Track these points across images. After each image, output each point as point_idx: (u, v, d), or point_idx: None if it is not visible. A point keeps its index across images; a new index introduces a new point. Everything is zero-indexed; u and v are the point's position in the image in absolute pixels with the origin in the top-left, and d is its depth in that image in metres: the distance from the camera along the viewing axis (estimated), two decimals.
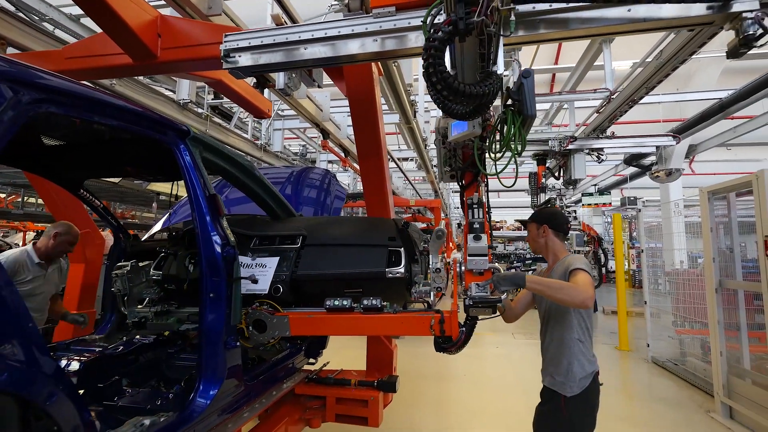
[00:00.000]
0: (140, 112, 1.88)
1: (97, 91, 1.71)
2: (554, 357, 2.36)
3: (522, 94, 1.92)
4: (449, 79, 1.54)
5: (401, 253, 2.44)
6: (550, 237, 2.51)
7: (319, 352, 3.24)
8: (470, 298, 2.19)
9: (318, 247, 2.56)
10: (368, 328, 2.33)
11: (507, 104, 2.03)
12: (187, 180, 2.07)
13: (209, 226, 2.04)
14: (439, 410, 4.76)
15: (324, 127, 5.77)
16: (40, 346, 1.27)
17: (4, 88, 1.28)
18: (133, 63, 2.55)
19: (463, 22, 1.46)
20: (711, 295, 4.61)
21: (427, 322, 2.19)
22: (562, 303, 2.17)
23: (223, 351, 1.99)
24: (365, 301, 2.24)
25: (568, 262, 2.34)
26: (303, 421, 3.04)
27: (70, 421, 1.33)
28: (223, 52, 2.05)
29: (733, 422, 4.35)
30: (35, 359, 1.25)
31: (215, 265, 2.02)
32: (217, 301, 2.00)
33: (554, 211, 2.65)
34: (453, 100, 1.65)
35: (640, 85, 5.93)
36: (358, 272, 2.43)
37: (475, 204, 2.34)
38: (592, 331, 2.38)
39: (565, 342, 2.32)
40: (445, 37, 1.49)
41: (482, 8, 1.45)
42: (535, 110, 1.93)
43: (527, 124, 2.05)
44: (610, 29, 1.89)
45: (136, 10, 2.34)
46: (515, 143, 2.03)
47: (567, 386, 2.27)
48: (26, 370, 1.22)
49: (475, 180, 2.42)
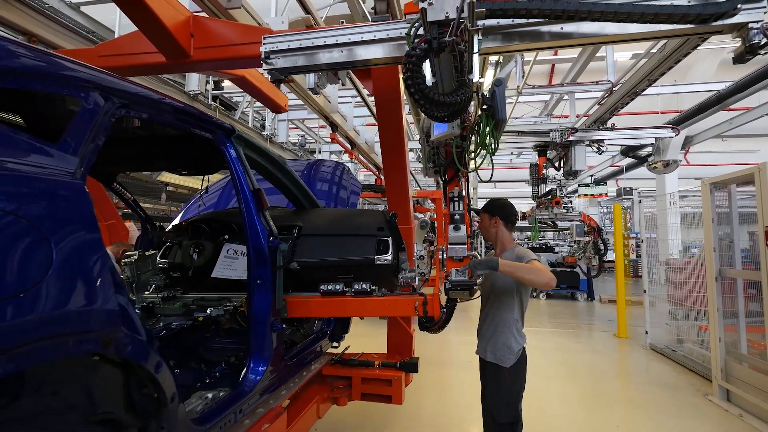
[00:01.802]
0: (197, 113, 2.02)
1: (162, 95, 1.85)
2: (494, 334, 2.66)
3: (494, 100, 2.22)
4: (425, 90, 1.77)
5: (389, 243, 2.61)
6: (500, 228, 2.77)
7: (341, 337, 3.43)
8: (450, 282, 2.43)
9: (313, 237, 2.68)
10: (359, 310, 2.48)
11: (483, 108, 2.30)
12: (233, 174, 2.19)
13: (255, 218, 2.18)
14: (444, 394, 4.94)
15: (332, 119, 5.84)
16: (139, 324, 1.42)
17: (97, 97, 1.42)
18: (166, 62, 2.63)
19: (437, 41, 1.70)
20: (711, 283, 4.78)
21: (411, 304, 2.37)
22: (531, 283, 2.43)
23: (270, 333, 2.16)
24: (356, 285, 2.39)
25: (519, 253, 2.62)
26: (331, 400, 3.22)
27: (171, 388, 1.49)
28: (264, 54, 2.15)
29: (730, 404, 4.56)
30: (145, 332, 1.40)
31: (262, 255, 2.16)
32: (263, 287, 2.16)
33: (505, 204, 2.86)
34: (429, 107, 1.86)
35: (643, 77, 6.03)
36: (349, 259, 2.57)
37: (456, 197, 2.61)
38: (524, 313, 2.71)
39: (505, 321, 2.63)
40: (421, 54, 1.73)
41: (453, 30, 1.68)
42: (506, 115, 2.25)
43: (500, 127, 2.34)
44: (595, 40, 2.03)
45: (172, 11, 2.41)
46: (489, 143, 2.33)
47: (507, 359, 2.59)
48: (142, 342, 1.37)
49: (456, 175, 2.67)
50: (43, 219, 1.13)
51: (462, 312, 9.51)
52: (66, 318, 1.13)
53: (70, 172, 1.28)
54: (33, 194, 1.15)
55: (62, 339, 1.11)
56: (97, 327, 1.22)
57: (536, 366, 5.93)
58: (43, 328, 1.06)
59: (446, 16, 1.72)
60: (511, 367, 2.59)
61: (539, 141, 8.61)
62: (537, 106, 10.91)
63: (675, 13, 1.80)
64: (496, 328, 2.65)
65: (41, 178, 1.19)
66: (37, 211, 1.13)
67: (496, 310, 2.68)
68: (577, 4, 1.77)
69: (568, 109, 9.82)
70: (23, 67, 1.29)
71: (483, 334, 2.76)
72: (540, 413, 4.35)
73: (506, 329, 2.62)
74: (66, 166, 1.27)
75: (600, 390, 5.17)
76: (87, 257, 1.23)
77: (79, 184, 1.28)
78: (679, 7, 1.81)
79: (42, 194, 1.17)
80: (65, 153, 1.29)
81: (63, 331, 1.12)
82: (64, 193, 1.23)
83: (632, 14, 1.80)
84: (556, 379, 5.48)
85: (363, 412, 4.19)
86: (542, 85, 8.64)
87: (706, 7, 1.79)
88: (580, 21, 1.87)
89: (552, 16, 1.80)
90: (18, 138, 1.20)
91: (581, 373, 5.75)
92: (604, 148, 8.24)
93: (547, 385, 5.22)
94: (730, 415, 4.36)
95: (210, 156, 2.59)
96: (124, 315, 1.29)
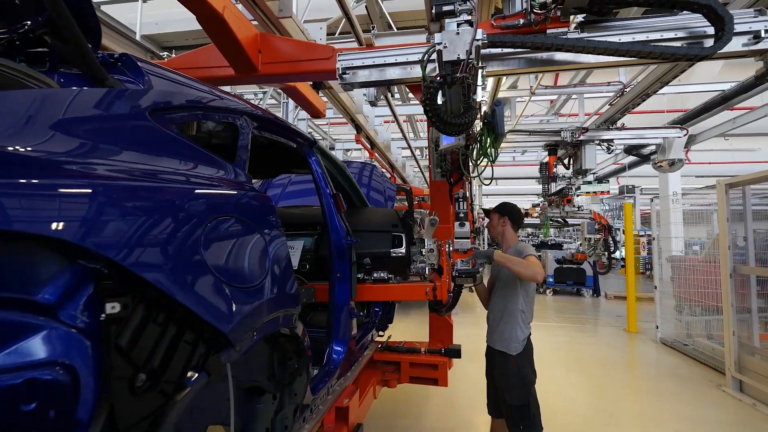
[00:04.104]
0: (293, 127, 2.26)
1: (273, 115, 2.13)
2: (501, 324, 2.90)
3: (495, 118, 2.65)
4: (440, 113, 2.14)
5: (402, 237, 2.94)
6: (507, 227, 3.06)
7: (386, 326, 3.73)
8: (456, 270, 2.84)
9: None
10: (378, 295, 2.82)
11: (484, 122, 2.73)
12: (316, 180, 2.41)
13: (336, 219, 2.41)
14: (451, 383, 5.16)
15: (358, 121, 6.01)
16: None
17: (247, 121, 1.73)
18: (235, 75, 2.80)
19: (450, 77, 2.07)
20: (726, 280, 5.00)
21: (423, 290, 2.75)
22: (519, 275, 2.71)
23: (348, 319, 2.42)
24: (375, 274, 2.73)
25: (519, 248, 2.92)
26: (383, 383, 3.51)
27: (307, 360, 1.77)
28: (341, 70, 2.39)
29: (743, 395, 4.79)
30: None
31: (341, 251, 2.40)
32: (343, 279, 2.39)
33: (515, 207, 3.18)
34: (442, 126, 2.23)
35: (656, 79, 6.19)
36: (368, 252, 2.85)
37: (461, 198, 2.98)
38: (532, 305, 2.96)
39: (511, 311, 2.87)
40: (437, 86, 2.10)
41: (463, 68, 2.07)
42: (504, 130, 2.68)
43: (499, 140, 2.78)
44: (587, 65, 2.72)
45: (245, 30, 2.59)
46: (490, 153, 2.77)
47: (512, 347, 2.83)
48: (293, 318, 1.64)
49: (460, 179, 3.01)
50: (261, 224, 1.43)
51: (467, 308, 9.76)
52: (281, 299, 1.43)
53: (252, 185, 1.54)
54: (252, 205, 1.45)
55: (275, 317, 1.41)
56: (291, 306, 1.51)
57: (553, 359, 6.18)
58: (271, 309, 1.35)
59: (458, 56, 2.10)
60: (517, 355, 2.82)
61: (550, 140, 8.77)
62: (544, 104, 11.10)
63: (665, 53, 2.30)
64: (503, 317, 2.90)
65: (248, 192, 1.48)
66: (258, 217, 1.44)
67: (502, 301, 2.93)
68: (585, 42, 2.39)
69: (573, 108, 10.02)
70: (216, 104, 1.61)
71: (490, 324, 3.02)
72: (565, 402, 4.56)
73: (512, 319, 2.86)
74: (247, 180, 1.53)
75: (617, 381, 5.39)
76: (283, 250, 1.52)
77: (264, 195, 1.56)
78: (669, 48, 2.32)
79: (256, 204, 1.48)
80: (241, 170, 1.54)
81: (277, 311, 1.41)
82: (264, 203, 1.54)
83: (630, 51, 2.29)
84: (574, 371, 5.70)
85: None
86: (554, 85, 8.80)
87: (691, 49, 2.33)
88: (578, 53, 2.46)
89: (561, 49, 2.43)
90: (224, 162, 1.47)
91: (597, 366, 5.97)
92: (613, 147, 8.42)
93: (567, 377, 5.43)
94: (744, 405, 4.59)
95: (280, 161, 2.85)
96: (297, 297, 1.57)
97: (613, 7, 2.48)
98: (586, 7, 2.46)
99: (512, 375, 2.83)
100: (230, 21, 2.39)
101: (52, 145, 0.94)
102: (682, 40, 2.44)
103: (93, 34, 1.31)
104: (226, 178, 1.40)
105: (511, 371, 2.83)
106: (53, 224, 0.82)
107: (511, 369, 2.84)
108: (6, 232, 0.76)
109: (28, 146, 0.89)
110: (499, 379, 2.92)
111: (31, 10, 1.25)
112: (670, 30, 2.47)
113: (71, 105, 1.06)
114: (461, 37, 2.10)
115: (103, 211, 0.91)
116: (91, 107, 1.12)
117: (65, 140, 0.97)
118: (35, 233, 0.79)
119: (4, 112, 0.94)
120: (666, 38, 2.46)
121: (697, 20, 2.43)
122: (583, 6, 2.45)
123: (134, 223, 0.97)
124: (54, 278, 0.82)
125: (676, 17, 2.53)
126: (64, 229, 0.83)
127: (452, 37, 2.11)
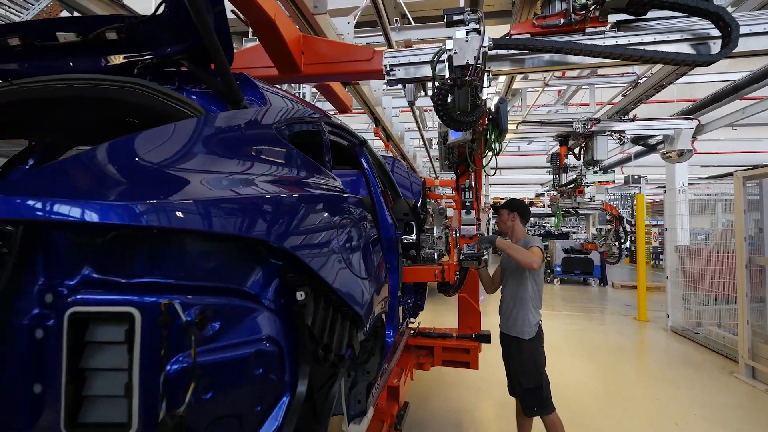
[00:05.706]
0: (349, 128, 2.41)
1: (336, 118, 2.32)
2: (514, 311, 3.09)
3: (499, 114, 2.88)
4: (450, 112, 2.30)
5: (413, 225, 3.17)
6: (517, 222, 3.28)
7: (417, 313, 3.97)
8: (463, 254, 3.08)
9: None
10: (409, 276, 3.05)
11: (490, 118, 2.97)
12: (367, 176, 2.52)
13: (386, 214, 2.53)
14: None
15: (377, 114, 6.07)
16: None
17: (324, 126, 1.93)
18: (278, 74, 2.90)
19: (460, 80, 2.25)
20: (741, 270, 5.12)
21: (432, 272, 3.06)
22: (517, 261, 2.94)
23: (397, 306, 2.59)
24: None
25: (528, 240, 3.11)
26: (418, 366, 3.70)
27: (382, 341, 2.08)
28: (388, 67, 2.63)
29: (756, 381, 4.94)
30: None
31: (391, 243, 2.53)
32: (392, 269, 2.51)
33: (523, 203, 3.43)
34: (452, 124, 2.42)
35: (672, 70, 6.21)
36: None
37: (467, 188, 3.21)
38: (541, 292, 3.16)
39: (522, 299, 3.06)
40: (448, 89, 2.28)
41: (471, 71, 2.26)
42: (508, 125, 2.93)
43: (503, 135, 3.03)
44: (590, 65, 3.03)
45: (290, 32, 2.67)
46: (494, 147, 3.04)
47: (525, 332, 3.02)
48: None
49: (466, 170, 3.25)
50: (368, 222, 1.72)
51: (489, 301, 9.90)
52: (385, 286, 1.70)
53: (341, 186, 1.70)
54: (359, 206, 1.74)
55: (384, 300, 1.65)
56: (388, 293, 1.77)
57: (566, 346, 6.32)
58: (382, 294, 1.60)
59: (467, 61, 2.29)
60: (530, 339, 3.01)
61: (561, 131, 8.80)
62: (552, 95, 11.10)
63: (666, 59, 2.53)
64: (515, 305, 3.08)
65: (351, 194, 1.72)
66: (364, 217, 1.73)
67: (513, 289, 3.12)
68: (592, 47, 2.59)
69: (583, 98, 10.03)
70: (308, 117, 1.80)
71: (504, 312, 3.19)
72: (581, 386, 4.71)
73: (524, 306, 3.04)
74: (338, 183, 1.69)
75: (631, 368, 5.56)
76: (381, 244, 1.76)
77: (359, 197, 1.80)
78: (669, 54, 2.54)
79: (361, 206, 1.76)
80: (331, 173, 1.69)
81: (385, 296, 1.67)
82: (365, 206, 1.81)
83: (633, 56, 2.53)
84: (588, 358, 5.85)
85: None
86: (567, 76, 8.80)
87: (689, 56, 2.58)
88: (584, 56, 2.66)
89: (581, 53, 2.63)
90: (321, 167, 1.64)
91: (611, 353, 6.13)
92: (625, 137, 8.47)
93: (582, 364, 5.58)
94: (757, 390, 4.75)
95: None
96: (391, 285, 1.87)
97: (649, 8, 2.58)
98: (623, 8, 2.56)
99: (527, 359, 3.01)
100: (281, 24, 2.47)
101: (252, 167, 1.22)
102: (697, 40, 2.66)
103: (229, 57, 1.42)
104: (334, 184, 1.57)
105: (526, 355, 3.02)
106: (264, 229, 1.07)
107: (525, 353, 3.02)
108: (228, 235, 0.97)
109: (240, 171, 1.18)
110: (514, 363, 3.10)
111: (177, 38, 1.35)
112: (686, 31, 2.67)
113: (246, 131, 1.32)
114: (470, 44, 2.29)
115: (293, 218, 1.16)
116: (256, 130, 1.35)
117: (252, 160, 1.25)
118: (251, 236, 1.02)
119: (213, 141, 1.19)
120: (683, 39, 2.66)
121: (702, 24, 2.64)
122: (621, 6, 2.55)
123: (309, 227, 1.22)
124: (259, 273, 1.08)
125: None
126: (268, 232, 1.08)
127: (462, 44, 2.31)
